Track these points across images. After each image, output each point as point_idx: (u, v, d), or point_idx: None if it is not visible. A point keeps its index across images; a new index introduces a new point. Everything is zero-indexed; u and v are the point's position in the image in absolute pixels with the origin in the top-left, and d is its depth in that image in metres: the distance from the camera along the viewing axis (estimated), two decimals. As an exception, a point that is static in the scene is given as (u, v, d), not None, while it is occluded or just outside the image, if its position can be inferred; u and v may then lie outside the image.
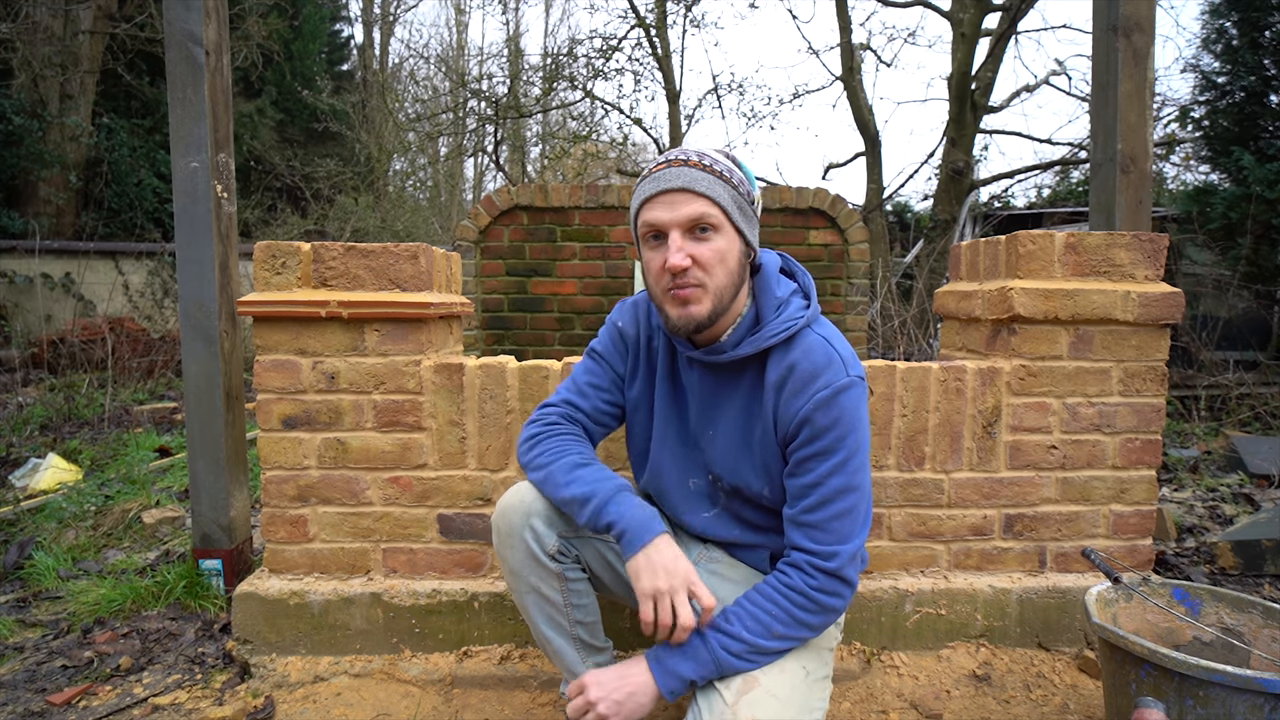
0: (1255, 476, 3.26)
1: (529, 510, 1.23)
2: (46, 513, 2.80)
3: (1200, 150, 6.47)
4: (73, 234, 9.78)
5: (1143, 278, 1.77)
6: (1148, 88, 2.16)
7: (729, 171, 1.16)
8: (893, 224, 11.27)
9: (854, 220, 4.29)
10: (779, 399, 1.17)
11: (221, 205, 2.07)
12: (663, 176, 1.14)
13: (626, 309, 1.37)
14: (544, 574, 1.24)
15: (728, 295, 1.16)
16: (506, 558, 1.26)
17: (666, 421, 1.30)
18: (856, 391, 1.14)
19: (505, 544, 1.25)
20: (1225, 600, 1.49)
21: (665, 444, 1.31)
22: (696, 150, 1.18)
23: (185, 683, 1.72)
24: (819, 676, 1.17)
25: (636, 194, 1.19)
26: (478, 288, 4.35)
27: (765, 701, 1.06)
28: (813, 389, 1.13)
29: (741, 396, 1.22)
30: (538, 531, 1.22)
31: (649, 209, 1.15)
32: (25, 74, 9.22)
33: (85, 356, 5.81)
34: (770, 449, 1.19)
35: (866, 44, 10.43)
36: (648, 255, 1.18)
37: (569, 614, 1.27)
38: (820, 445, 1.13)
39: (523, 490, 1.27)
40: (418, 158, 14.37)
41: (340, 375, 1.74)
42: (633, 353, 1.34)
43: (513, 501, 1.25)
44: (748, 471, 1.22)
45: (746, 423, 1.22)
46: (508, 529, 1.24)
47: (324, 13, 14.73)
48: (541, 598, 1.25)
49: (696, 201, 1.12)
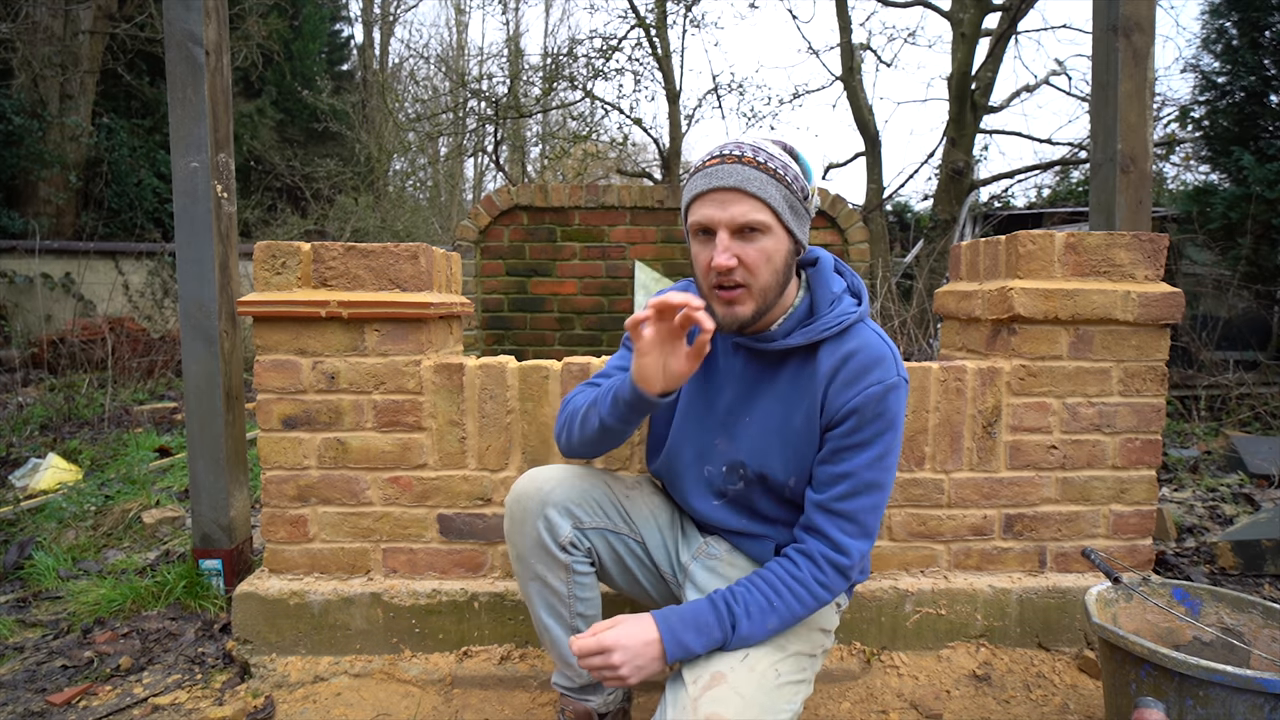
0: (1255, 476, 3.26)
1: (545, 499, 1.25)
2: (46, 513, 2.80)
3: (1200, 150, 6.47)
4: (73, 234, 9.77)
5: (1143, 278, 1.77)
6: (1148, 88, 2.16)
7: (784, 168, 1.14)
8: (893, 224, 11.26)
9: (854, 220, 4.29)
10: (829, 386, 1.17)
11: (221, 205, 2.07)
12: (716, 173, 1.12)
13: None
14: (551, 563, 1.25)
15: (773, 294, 1.16)
16: (516, 542, 1.27)
17: (691, 406, 1.30)
18: (903, 392, 1.17)
19: (517, 529, 1.26)
20: (1225, 600, 1.49)
21: (686, 429, 1.30)
22: (752, 144, 1.15)
23: (185, 683, 1.72)
24: (791, 680, 1.15)
25: (689, 187, 1.17)
26: (478, 288, 4.35)
27: (728, 699, 1.06)
28: (866, 381, 1.15)
29: (783, 385, 1.22)
30: (551, 521, 1.24)
31: (700, 205, 1.14)
32: (25, 74, 9.21)
33: (85, 356, 5.81)
34: (809, 437, 1.20)
35: (866, 44, 10.42)
36: (696, 249, 1.17)
37: (571, 605, 1.27)
38: (862, 436, 1.15)
39: (539, 478, 1.28)
40: (418, 158, 14.36)
41: (340, 375, 1.74)
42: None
43: (529, 489, 1.26)
44: (776, 460, 1.22)
45: (785, 411, 1.22)
46: (521, 514, 1.25)
47: (324, 13, 14.72)
48: (546, 586, 1.26)
49: (747, 202, 1.11)
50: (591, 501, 1.29)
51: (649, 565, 1.34)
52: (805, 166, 1.20)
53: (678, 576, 1.34)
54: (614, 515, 1.31)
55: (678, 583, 1.34)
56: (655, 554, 1.33)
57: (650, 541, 1.33)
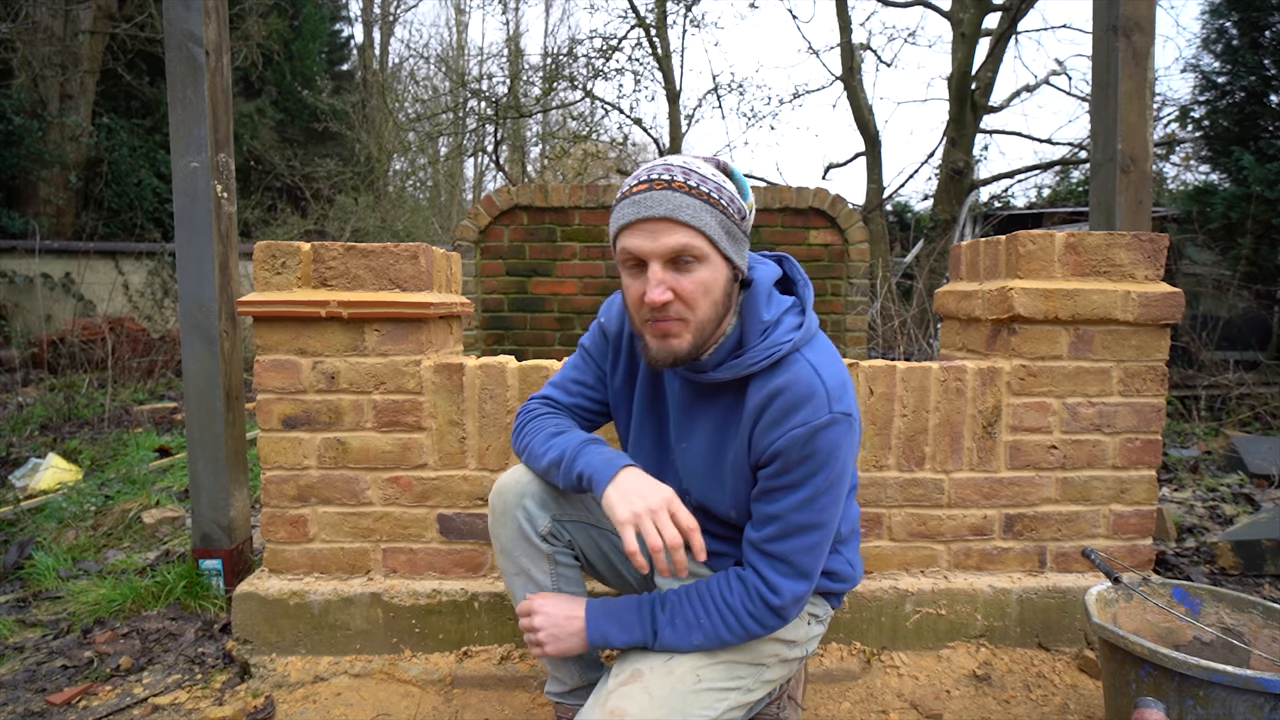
0: (1255, 476, 3.26)
1: (523, 491, 1.25)
2: (46, 513, 2.80)
3: (1200, 150, 6.48)
4: (73, 234, 9.77)
5: (1143, 278, 1.77)
6: (1148, 88, 2.16)
7: (718, 190, 1.06)
8: (893, 224, 11.26)
9: (854, 220, 4.29)
10: (755, 425, 1.11)
11: (221, 205, 2.07)
12: (644, 201, 1.03)
13: (614, 307, 1.34)
14: (534, 554, 1.26)
15: (710, 326, 1.09)
16: (499, 535, 1.27)
17: (643, 425, 1.29)
18: (838, 429, 1.07)
19: (499, 522, 1.27)
20: (1225, 600, 1.49)
21: (641, 447, 1.30)
22: (682, 166, 1.07)
23: (185, 683, 1.72)
24: (716, 686, 1.13)
25: (615, 215, 1.08)
26: (478, 288, 4.35)
27: (636, 696, 1.07)
28: (790, 423, 1.07)
29: (718, 415, 1.18)
30: (530, 512, 1.24)
31: (628, 235, 1.05)
32: (25, 74, 9.22)
33: (85, 356, 5.81)
34: (742, 474, 1.15)
35: (866, 44, 10.44)
36: (627, 281, 1.09)
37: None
38: (790, 479, 1.08)
39: (518, 471, 1.29)
40: (418, 158, 14.37)
41: (340, 375, 1.74)
42: (613, 349, 1.32)
43: (508, 482, 1.27)
44: (716, 491, 1.19)
45: (720, 443, 1.18)
46: (501, 507, 1.26)
47: (324, 13, 14.72)
48: (530, 580, 1.27)
49: (679, 232, 1.03)
50: (570, 496, 1.28)
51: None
52: (741, 184, 1.13)
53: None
54: (592, 507, 1.31)
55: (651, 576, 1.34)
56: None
57: None
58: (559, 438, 1.23)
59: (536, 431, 1.27)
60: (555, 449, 1.21)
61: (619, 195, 1.10)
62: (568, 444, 1.20)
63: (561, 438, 1.23)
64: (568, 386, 1.36)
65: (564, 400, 1.35)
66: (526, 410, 1.34)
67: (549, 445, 1.22)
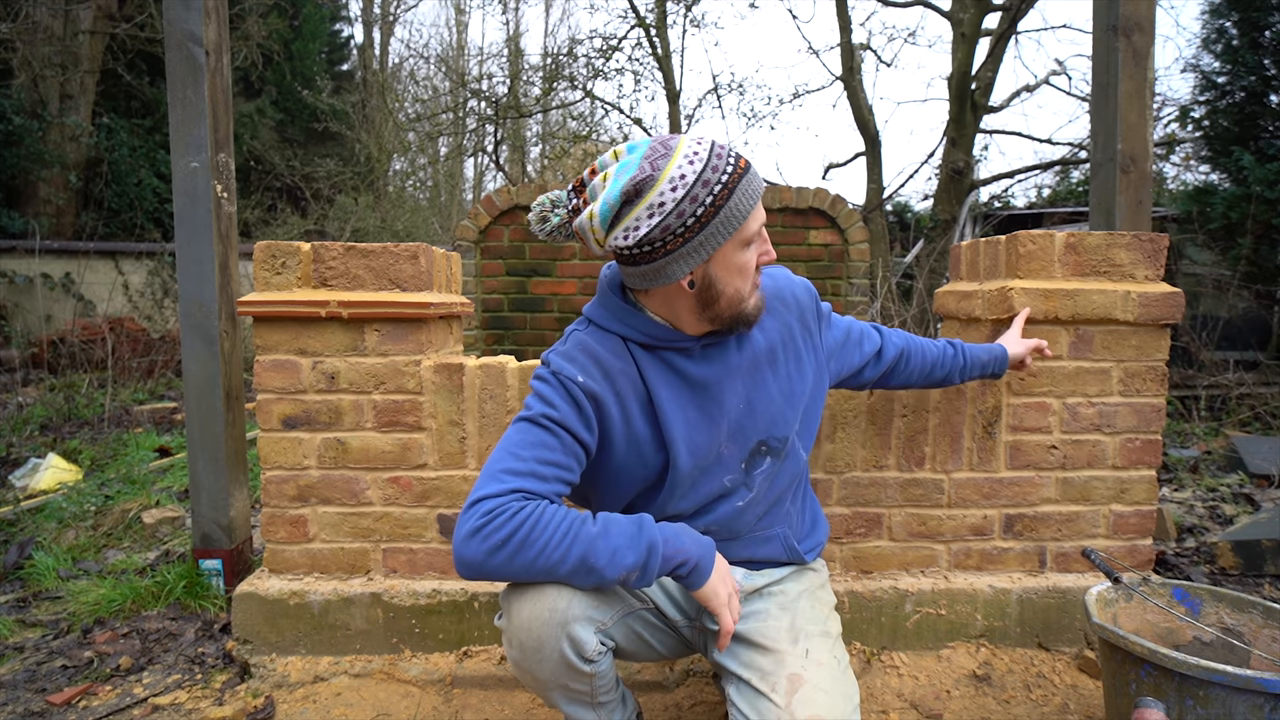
0: (1255, 476, 3.26)
1: (565, 619, 1.06)
2: (46, 513, 2.80)
3: (1200, 150, 6.48)
4: (73, 234, 9.77)
5: (1143, 278, 1.77)
6: (1148, 88, 2.16)
7: None
8: (893, 224, 11.26)
9: (854, 220, 4.29)
10: (790, 321, 1.29)
11: (221, 205, 2.07)
12: (755, 179, 1.11)
13: (577, 362, 1.15)
14: (577, 676, 1.12)
15: None
16: (534, 670, 1.10)
17: (690, 423, 1.19)
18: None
19: (533, 659, 1.09)
20: (1225, 600, 1.49)
21: (695, 443, 1.19)
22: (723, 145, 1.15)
23: (185, 683, 1.72)
24: (847, 662, 1.20)
25: (742, 193, 1.07)
26: (478, 288, 4.35)
27: (817, 699, 1.08)
28: (792, 286, 1.32)
29: (743, 356, 1.24)
30: (577, 639, 1.08)
31: (759, 212, 1.12)
32: (25, 74, 9.22)
33: (85, 356, 5.81)
34: (802, 372, 1.29)
35: (866, 44, 10.43)
36: (742, 256, 1.11)
37: (594, 696, 1.18)
38: (827, 310, 1.38)
39: (550, 597, 1.07)
40: (418, 158, 14.37)
41: (340, 375, 1.74)
42: (609, 405, 1.15)
43: (540, 614, 1.06)
44: (790, 413, 1.26)
45: (773, 366, 1.27)
46: (536, 644, 1.07)
47: (324, 13, 14.72)
48: (569, 692, 1.16)
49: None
50: (606, 593, 1.14)
51: (662, 627, 1.27)
52: None
53: (694, 620, 1.28)
54: (624, 593, 1.19)
55: (694, 625, 1.28)
56: (667, 611, 1.25)
57: (659, 600, 1.25)
58: (614, 533, 1.05)
59: (558, 532, 1.03)
60: (632, 549, 1.04)
61: (728, 177, 1.06)
62: (644, 536, 1.05)
63: (618, 530, 1.06)
64: (539, 472, 1.08)
65: (541, 489, 1.07)
66: (500, 510, 1.03)
67: (612, 546, 1.04)
